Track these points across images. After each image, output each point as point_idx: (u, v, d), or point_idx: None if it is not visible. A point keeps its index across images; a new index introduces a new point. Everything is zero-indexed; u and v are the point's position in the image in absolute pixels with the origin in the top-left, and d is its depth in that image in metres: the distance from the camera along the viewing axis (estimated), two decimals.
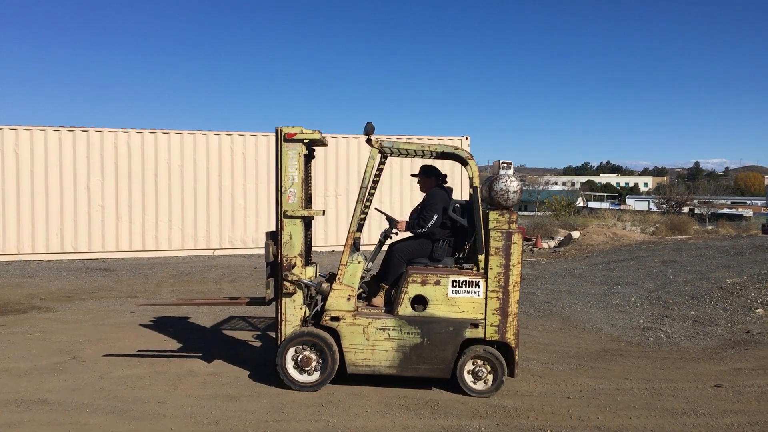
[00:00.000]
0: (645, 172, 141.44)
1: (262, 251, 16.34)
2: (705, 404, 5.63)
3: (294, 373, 5.86)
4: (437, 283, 5.78)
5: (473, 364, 5.81)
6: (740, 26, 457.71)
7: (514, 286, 5.76)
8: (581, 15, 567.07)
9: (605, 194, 76.23)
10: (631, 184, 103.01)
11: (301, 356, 5.82)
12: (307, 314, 6.04)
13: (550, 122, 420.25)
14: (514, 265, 5.74)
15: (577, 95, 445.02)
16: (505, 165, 5.96)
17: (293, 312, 5.95)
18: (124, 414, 5.27)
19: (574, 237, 19.78)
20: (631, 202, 62.52)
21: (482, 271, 5.80)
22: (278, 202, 5.93)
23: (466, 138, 17.52)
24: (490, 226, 5.78)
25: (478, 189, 5.90)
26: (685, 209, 42.36)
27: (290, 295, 5.92)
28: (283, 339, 5.90)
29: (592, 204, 56.71)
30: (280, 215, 5.91)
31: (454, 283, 5.77)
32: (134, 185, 15.66)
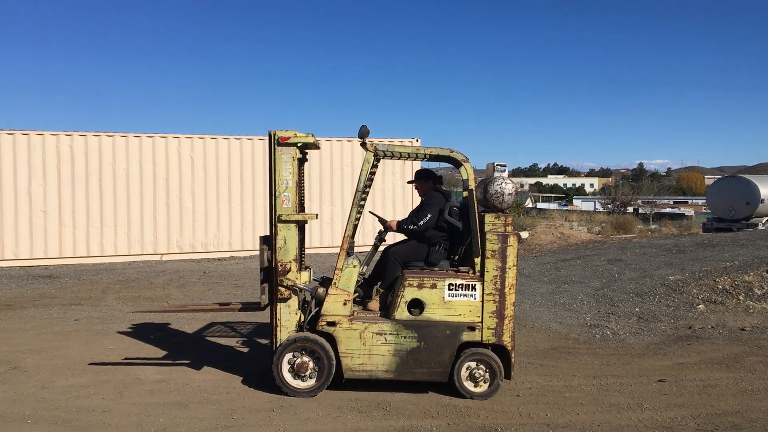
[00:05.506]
0: (591, 173, 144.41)
1: (211, 256, 16.25)
2: (650, 399, 5.77)
3: (290, 379, 5.80)
4: (434, 286, 5.76)
5: (470, 367, 5.80)
6: (680, 28, 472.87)
7: (510, 289, 5.76)
8: (523, 15, 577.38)
9: (553, 195, 77.49)
10: (578, 185, 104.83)
11: (297, 362, 5.76)
12: (302, 319, 5.98)
13: (498, 124, 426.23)
14: (510, 268, 5.74)
15: (524, 99, 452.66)
16: (500, 167, 5.96)
17: (288, 317, 5.87)
18: (67, 424, 5.12)
19: (524, 237, 20.06)
20: (578, 203, 63.64)
21: (478, 274, 5.78)
22: (272, 207, 5.85)
23: (417, 140, 17.56)
24: (486, 228, 5.75)
25: (474, 192, 5.88)
26: (630, 209, 43.37)
27: (285, 300, 5.85)
28: (278, 345, 5.82)
29: (540, 205, 57.57)
30: (275, 220, 5.83)
31: (451, 287, 5.75)
32: (78, 190, 15.23)
